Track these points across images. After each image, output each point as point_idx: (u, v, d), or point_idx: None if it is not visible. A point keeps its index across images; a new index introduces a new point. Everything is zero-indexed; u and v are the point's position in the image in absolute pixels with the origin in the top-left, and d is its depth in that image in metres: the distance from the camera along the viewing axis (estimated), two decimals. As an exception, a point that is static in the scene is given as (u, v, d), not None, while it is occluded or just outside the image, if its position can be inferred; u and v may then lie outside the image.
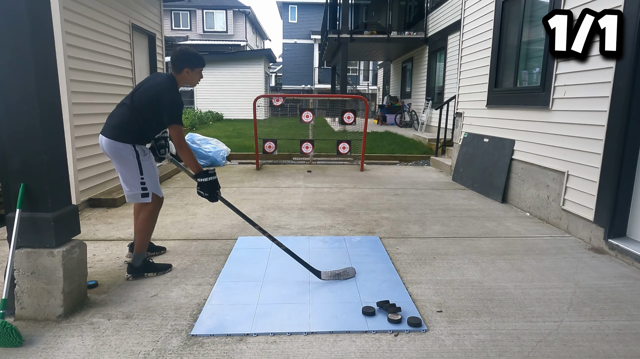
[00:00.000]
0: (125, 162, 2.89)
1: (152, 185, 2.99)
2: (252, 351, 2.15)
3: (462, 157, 6.51)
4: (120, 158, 2.88)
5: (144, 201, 2.98)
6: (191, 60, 2.95)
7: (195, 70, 2.98)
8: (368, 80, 33.05)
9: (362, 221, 4.40)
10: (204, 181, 2.86)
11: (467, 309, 2.59)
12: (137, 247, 3.00)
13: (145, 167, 2.94)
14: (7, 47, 2.26)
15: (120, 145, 2.85)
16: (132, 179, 2.92)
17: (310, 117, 7.80)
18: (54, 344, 2.19)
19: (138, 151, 2.90)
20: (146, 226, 3.01)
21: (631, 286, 2.94)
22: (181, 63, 2.93)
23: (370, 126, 13.12)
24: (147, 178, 2.95)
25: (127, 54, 5.84)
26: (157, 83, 2.89)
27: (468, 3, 6.58)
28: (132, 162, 2.89)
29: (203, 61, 3.03)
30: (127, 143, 2.86)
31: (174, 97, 2.86)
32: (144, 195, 2.96)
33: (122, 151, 2.86)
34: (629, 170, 3.44)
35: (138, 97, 2.87)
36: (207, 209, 4.78)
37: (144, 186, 2.94)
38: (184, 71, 2.94)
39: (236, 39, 32.59)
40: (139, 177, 2.92)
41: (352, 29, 15.20)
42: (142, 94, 2.87)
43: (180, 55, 2.95)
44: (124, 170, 2.92)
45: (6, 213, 2.44)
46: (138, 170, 2.91)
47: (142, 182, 2.93)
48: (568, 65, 4.10)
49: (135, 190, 2.94)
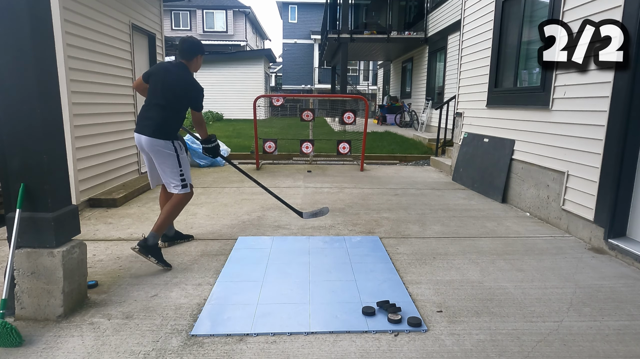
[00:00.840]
0: (166, 157, 3.18)
1: (189, 177, 3.32)
2: (252, 351, 2.15)
3: (462, 157, 6.51)
4: (161, 153, 3.17)
5: (183, 192, 3.25)
6: (200, 47, 3.33)
7: (201, 56, 3.34)
8: (368, 80, 33.06)
9: (362, 221, 4.40)
10: (209, 147, 3.40)
11: (467, 309, 2.59)
12: (157, 227, 3.15)
13: (183, 161, 3.26)
14: (7, 47, 2.26)
15: (162, 143, 3.14)
16: (172, 172, 3.22)
17: (310, 116, 7.81)
18: (54, 344, 2.19)
19: (176, 146, 3.22)
20: (174, 210, 3.25)
21: (631, 286, 2.94)
22: (197, 49, 3.28)
23: (370, 126, 13.12)
24: (185, 171, 3.27)
25: (127, 54, 5.84)
26: (183, 80, 3.19)
27: (468, 3, 6.58)
28: (172, 156, 3.19)
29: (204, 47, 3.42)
30: (168, 140, 3.16)
31: (199, 86, 3.24)
32: (184, 186, 3.25)
33: (164, 148, 3.16)
34: (629, 170, 3.44)
35: (170, 97, 3.15)
36: (207, 209, 4.78)
37: (182, 178, 3.24)
38: (197, 57, 3.29)
39: (236, 39, 32.60)
40: (179, 169, 3.22)
41: (352, 29, 15.20)
42: (172, 93, 3.16)
43: (189, 42, 3.28)
44: (165, 165, 3.21)
45: (6, 213, 2.44)
46: (177, 164, 3.21)
47: (181, 174, 3.23)
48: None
49: (176, 182, 3.23)
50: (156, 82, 3.19)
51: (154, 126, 3.12)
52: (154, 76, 3.23)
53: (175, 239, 3.67)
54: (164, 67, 3.29)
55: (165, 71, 3.23)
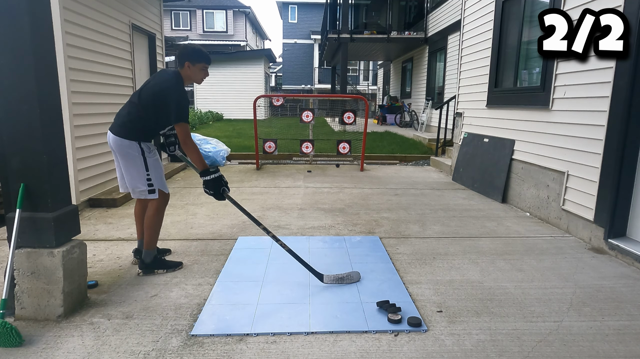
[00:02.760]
0: (131, 158, 2.94)
1: (158, 182, 3.03)
2: (252, 351, 2.15)
3: (462, 157, 6.51)
4: (127, 155, 2.93)
5: (151, 198, 3.02)
6: (192, 54, 2.96)
7: (196, 65, 2.97)
8: (368, 80, 33.06)
9: (362, 221, 4.40)
10: (208, 179, 2.89)
11: (467, 309, 2.59)
12: (147, 244, 3.04)
13: (151, 164, 2.98)
14: (7, 47, 2.26)
15: (126, 142, 2.90)
16: (138, 176, 2.97)
17: (310, 117, 7.80)
18: (54, 344, 2.19)
19: (144, 148, 2.95)
20: (154, 222, 3.04)
21: (631, 286, 2.94)
22: (182, 56, 2.96)
23: (370, 126, 13.13)
24: (152, 175, 2.99)
25: (127, 54, 5.84)
26: (163, 81, 2.92)
27: (468, 3, 6.58)
28: (138, 158, 2.94)
29: (207, 57, 3.02)
30: (133, 140, 2.91)
31: (180, 94, 2.88)
32: (151, 191, 3.01)
33: (128, 148, 2.91)
34: (629, 170, 3.44)
35: (144, 95, 2.91)
36: (207, 209, 4.78)
37: (150, 183, 2.99)
38: (185, 65, 2.95)
39: (236, 39, 32.59)
40: (145, 173, 2.97)
41: (352, 29, 15.21)
42: (148, 91, 2.91)
43: (182, 49, 2.99)
44: (130, 167, 2.96)
45: (6, 213, 2.44)
46: (144, 167, 2.96)
47: (148, 179, 2.98)
48: (568, 65, 4.10)
49: (142, 187, 2.99)
50: (144, 83, 3.04)
51: (119, 124, 2.93)
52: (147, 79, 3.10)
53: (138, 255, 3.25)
54: (159, 71, 3.18)
55: (156, 74, 3.11)
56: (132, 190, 3.02)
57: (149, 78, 3.06)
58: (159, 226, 3.10)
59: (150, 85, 2.94)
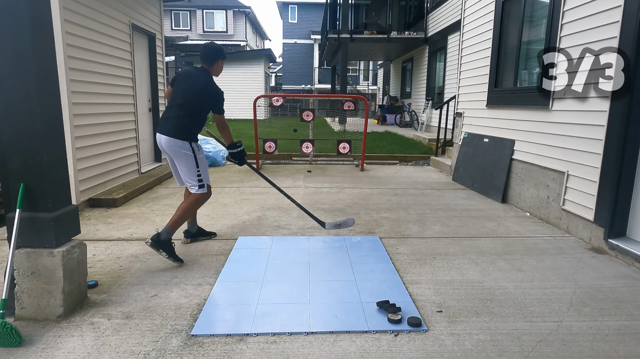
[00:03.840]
0: (184, 157, 3.27)
1: (206, 178, 3.40)
2: (252, 351, 2.15)
3: (462, 157, 6.51)
4: (179, 154, 3.26)
5: (200, 192, 3.34)
6: (222, 52, 3.46)
7: (223, 61, 3.47)
8: (368, 80, 33.04)
9: (362, 221, 4.39)
10: (234, 152, 3.50)
11: (467, 309, 2.59)
12: (172, 223, 3.24)
13: (200, 160, 3.33)
14: (7, 47, 2.26)
15: (179, 143, 3.23)
16: (189, 173, 3.31)
17: (310, 116, 7.82)
18: (54, 344, 2.19)
19: (194, 147, 3.30)
20: (189, 209, 3.36)
21: (631, 286, 2.94)
22: (217, 55, 3.41)
23: (370, 126, 13.12)
24: (202, 171, 3.35)
25: (127, 54, 5.84)
26: (203, 82, 3.31)
27: (468, 3, 6.58)
28: (190, 157, 3.28)
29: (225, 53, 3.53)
30: (185, 140, 3.25)
31: (219, 88, 3.37)
32: (201, 186, 3.34)
33: (181, 148, 3.24)
34: (629, 170, 3.44)
35: (188, 97, 3.27)
36: (207, 209, 4.78)
37: (200, 179, 3.33)
38: (217, 62, 3.42)
39: (236, 39, 32.58)
40: (196, 169, 3.31)
41: (352, 29, 15.20)
42: (192, 93, 3.27)
43: (212, 48, 3.42)
44: (182, 166, 3.31)
45: (6, 213, 2.44)
46: (195, 164, 3.30)
47: (198, 175, 3.32)
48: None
49: (193, 182, 3.32)
50: (178, 84, 3.34)
51: (172, 126, 3.24)
52: (177, 80, 3.39)
53: (198, 236, 3.77)
54: (186, 72, 3.43)
55: (187, 75, 3.38)
56: (187, 184, 3.38)
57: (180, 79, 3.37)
58: (191, 214, 3.48)
59: (188, 86, 3.29)
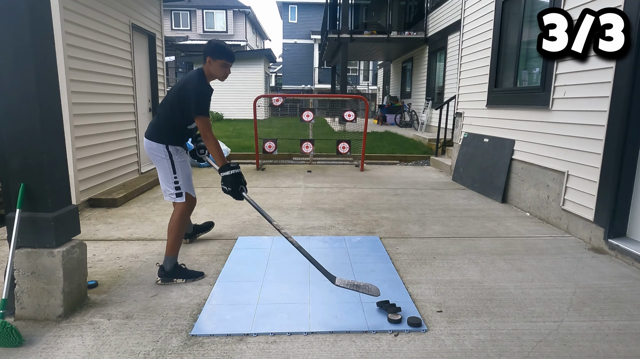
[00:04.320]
0: (159, 161, 2.96)
1: (186, 185, 3.00)
2: (252, 351, 2.15)
3: (462, 157, 6.51)
4: (154, 157, 2.97)
5: (179, 201, 2.99)
6: (214, 50, 2.95)
7: (217, 60, 2.93)
8: (368, 80, 33.04)
9: (362, 221, 4.39)
10: (227, 175, 2.77)
11: (467, 309, 2.59)
12: (168, 250, 2.94)
13: (178, 165, 2.97)
14: (7, 47, 2.26)
15: (154, 145, 2.93)
16: (166, 179, 2.98)
17: (310, 116, 7.81)
18: (54, 344, 2.19)
19: (171, 151, 2.94)
20: (177, 227, 2.97)
21: (631, 286, 2.94)
22: (205, 52, 2.97)
23: (370, 126, 13.12)
24: (180, 178, 2.98)
25: (127, 54, 5.84)
26: (186, 78, 2.96)
27: (468, 3, 6.58)
28: (166, 160, 2.94)
29: (229, 54, 2.98)
30: (161, 143, 2.92)
31: (200, 87, 2.87)
32: (178, 194, 2.98)
33: (156, 151, 2.94)
34: (629, 170, 3.44)
35: (170, 94, 2.94)
36: (207, 209, 4.78)
37: (177, 186, 2.97)
38: (207, 60, 2.95)
39: (236, 39, 32.57)
40: (172, 176, 2.97)
41: (352, 29, 15.20)
42: (174, 90, 2.94)
43: (207, 45, 3.00)
44: (159, 170, 3.01)
45: (6, 213, 2.44)
46: (171, 170, 2.95)
47: (175, 182, 2.97)
48: (568, 65, 4.10)
49: (170, 190, 2.99)
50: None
51: (150, 127, 2.99)
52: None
53: (196, 233, 3.65)
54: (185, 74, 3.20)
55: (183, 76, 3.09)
56: (163, 192, 3.05)
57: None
58: (183, 231, 3.02)
59: (175, 85, 2.99)
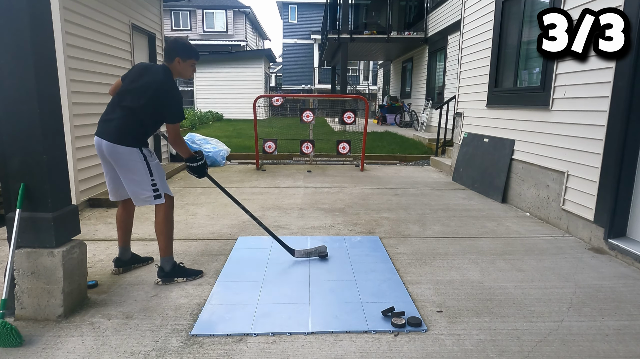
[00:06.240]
0: (133, 165, 2.78)
1: (163, 185, 2.90)
2: (252, 351, 2.15)
3: (462, 157, 6.51)
4: (127, 162, 2.76)
5: (157, 203, 2.88)
6: (184, 50, 2.85)
7: (187, 61, 2.87)
8: (368, 80, 33.05)
9: (362, 221, 4.39)
10: (194, 166, 3.03)
11: (467, 309, 2.59)
12: (162, 251, 2.91)
13: (154, 167, 2.85)
14: (7, 47, 2.26)
15: (124, 149, 2.73)
16: (142, 183, 2.81)
17: (310, 117, 7.80)
18: (54, 344, 2.19)
19: (145, 153, 2.81)
20: (165, 228, 2.91)
21: (631, 286, 2.94)
22: (173, 52, 2.84)
23: (370, 126, 13.12)
24: (157, 179, 2.86)
25: (127, 54, 5.84)
26: (156, 81, 2.77)
27: (468, 3, 6.58)
28: (141, 164, 2.79)
29: (196, 54, 2.92)
30: (133, 147, 2.76)
31: (176, 94, 2.80)
32: (157, 196, 2.86)
33: (129, 155, 2.75)
34: (629, 170, 3.44)
35: (137, 96, 2.74)
36: (207, 209, 4.78)
37: (155, 188, 2.84)
38: (175, 60, 2.84)
39: (236, 39, 32.61)
40: (150, 179, 2.82)
41: (352, 29, 15.20)
42: (141, 92, 2.75)
43: (172, 44, 2.87)
44: (132, 174, 2.79)
45: (6, 213, 2.44)
46: (148, 172, 2.81)
47: (153, 184, 2.83)
48: (568, 65, 4.10)
49: (147, 193, 2.83)
50: (130, 81, 2.82)
51: (117, 131, 2.73)
52: (129, 75, 2.87)
53: (132, 263, 3.15)
54: (143, 66, 2.90)
55: (143, 70, 2.85)
56: (134, 197, 2.87)
57: (133, 75, 2.85)
58: (172, 230, 2.97)
59: (140, 86, 2.77)
